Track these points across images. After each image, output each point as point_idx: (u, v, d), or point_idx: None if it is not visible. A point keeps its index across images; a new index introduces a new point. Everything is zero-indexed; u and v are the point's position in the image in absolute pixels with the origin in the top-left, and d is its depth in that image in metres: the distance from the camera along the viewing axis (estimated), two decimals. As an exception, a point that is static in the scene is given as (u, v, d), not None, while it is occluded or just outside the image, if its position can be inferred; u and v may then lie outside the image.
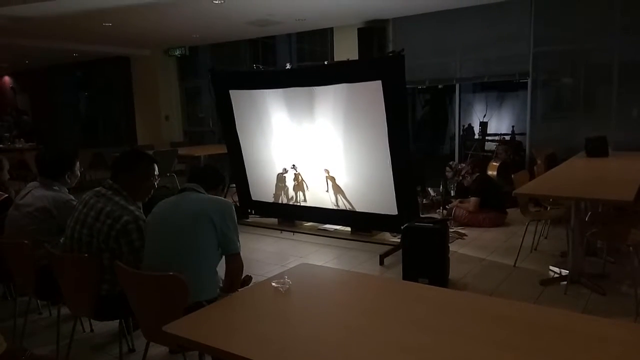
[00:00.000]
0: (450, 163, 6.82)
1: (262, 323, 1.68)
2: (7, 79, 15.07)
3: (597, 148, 5.44)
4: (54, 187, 2.93)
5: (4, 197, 3.50)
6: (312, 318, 1.70)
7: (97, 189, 2.59)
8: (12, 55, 10.87)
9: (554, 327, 1.54)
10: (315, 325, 1.63)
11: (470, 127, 9.01)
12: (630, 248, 3.47)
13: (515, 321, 1.60)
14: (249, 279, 2.56)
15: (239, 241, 2.29)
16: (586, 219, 4.00)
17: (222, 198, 2.41)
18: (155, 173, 2.68)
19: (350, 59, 6.06)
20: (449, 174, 6.62)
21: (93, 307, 2.42)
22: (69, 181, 3.05)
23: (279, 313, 1.76)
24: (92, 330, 3.26)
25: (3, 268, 2.93)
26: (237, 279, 2.30)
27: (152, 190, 2.69)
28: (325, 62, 6.63)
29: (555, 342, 1.45)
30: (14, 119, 13.85)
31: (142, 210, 2.56)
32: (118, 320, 2.59)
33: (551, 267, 4.20)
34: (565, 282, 3.76)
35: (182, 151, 8.38)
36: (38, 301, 3.47)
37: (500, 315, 1.65)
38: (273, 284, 1.93)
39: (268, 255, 4.91)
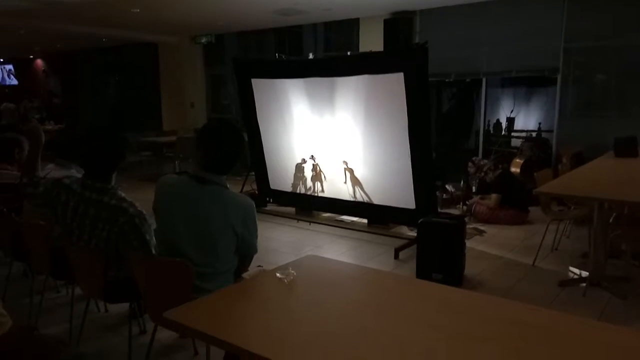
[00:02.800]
0: (474, 159, 6.69)
1: (262, 314, 1.67)
2: (39, 62, 15.45)
3: (625, 148, 5.24)
4: (71, 169, 2.98)
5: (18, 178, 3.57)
6: (313, 311, 1.69)
7: (77, 189, 2.48)
8: (45, 39, 11.13)
9: (568, 334, 1.49)
10: (316, 319, 1.62)
11: (497, 123, 8.82)
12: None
13: (529, 326, 1.54)
14: (258, 268, 2.57)
15: (257, 243, 2.22)
16: (610, 221, 3.88)
17: (244, 198, 2.20)
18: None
19: (372, 50, 5.97)
20: (472, 170, 6.50)
21: (103, 290, 2.46)
22: None
23: (280, 304, 1.75)
24: (107, 310, 3.33)
25: (23, 247, 3.01)
26: (245, 270, 2.31)
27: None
28: (348, 53, 6.55)
29: (570, 351, 1.39)
30: (45, 101, 14.21)
31: None
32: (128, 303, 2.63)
33: (571, 268, 4.09)
34: (584, 284, 3.66)
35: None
36: (56, 280, 3.56)
37: (512, 319, 1.59)
38: (277, 274, 1.92)
39: (283, 244, 4.93)
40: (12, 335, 1.73)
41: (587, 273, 3.77)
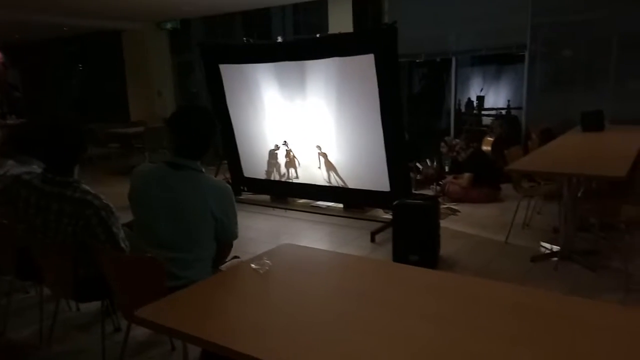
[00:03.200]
0: (446, 138, 6.74)
1: (238, 307, 1.64)
2: (-3, 53, 14.81)
3: (592, 122, 5.35)
4: (33, 166, 2.86)
5: None
6: (290, 302, 1.66)
7: (37, 184, 2.37)
8: (0, 29, 10.64)
9: (541, 310, 1.50)
10: (293, 310, 1.59)
11: (468, 102, 8.90)
12: (623, 225, 3.43)
13: (503, 305, 1.56)
14: (236, 258, 2.53)
15: (237, 229, 2.20)
16: (579, 195, 3.96)
17: (221, 182, 2.22)
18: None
19: (342, 32, 5.90)
20: (444, 150, 6.55)
21: (71, 289, 2.37)
22: None
23: (256, 297, 1.72)
24: (78, 309, 3.24)
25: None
26: (223, 260, 2.28)
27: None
28: (317, 35, 6.46)
29: (543, 326, 1.40)
30: (5, 95, 13.68)
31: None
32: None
33: (542, 243, 4.18)
34: (556, 259, 3.74)
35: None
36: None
37: (488, 298, 1.61)
38: (252, 265, 1.88)
39: (260, 233, 4.88)
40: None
41: (558, 248, 3.85)
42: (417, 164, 6.51)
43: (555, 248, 3.92)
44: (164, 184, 2.09)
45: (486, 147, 6.52)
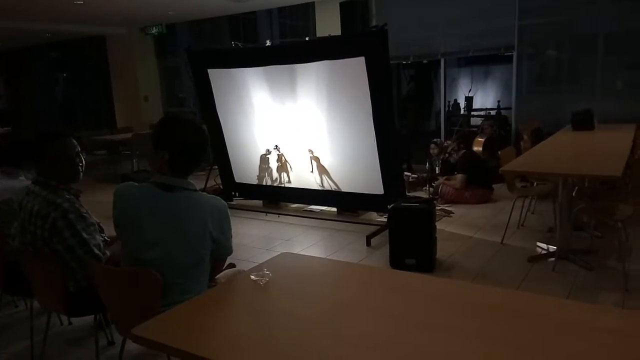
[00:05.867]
0: (435, 140, 6.74)
1: (239, 322, 1.58)
2: (-22, 61, 14.53)
3: (582, 121, 5.38)
4: (20, 177, 2.77)
5: None
6: (294, 315, 1.60)
7: (29, 185, 2.36)
8: (-18, 36, 10.45)
9: (541, 316, 1.47)
10: (297, 324, 1.53)
11: (456, 103, 8.92)
12: (619, 223, 3.42)
13: (509, 311, 1.52)
14: (232, 266, 2.47)
15: (232, 244, 2.08)
16: (573, 194, 3.96)
17: (216, 200, 1.99)
18: (75, 149, 2.39)
19: (332, 35, 5.87)
20: (434, 152, 6.54)
21: (62, 303, 2.29)
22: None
23: (257, 310, 1.65)
24: (70, 323, 3.15)
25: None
26: (218, 273, 2.20)
27: (80, 167, 2.40)
28: (307, 39, 6.42)
29: (545, 333, 1.37)
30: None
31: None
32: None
33: (538, 244, 4.17)
34: (553, 259, 3.73)
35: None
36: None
37: (493, 304, 1.57)
38: (252, 276, 1.82)
39: (253, 239, 4.81)
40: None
41: (555, 247, 3.84)
42: (406, 173, 6.46)
43: (552, 248, 3.91)
44: (156, 208, 1.90)
45: (477, 148, 6.52)
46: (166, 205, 1.91)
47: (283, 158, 5.47)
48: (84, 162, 2.43)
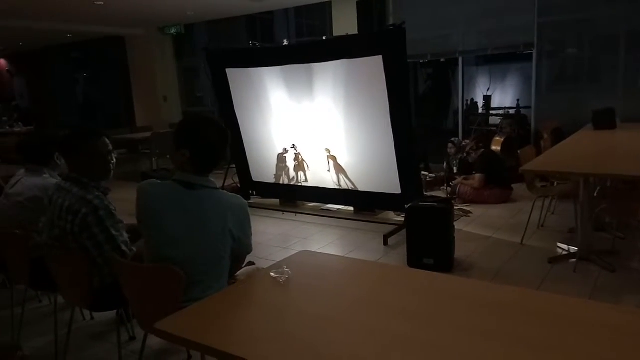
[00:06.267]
0: (453, 139, 6.69)
1: (258, 318, 1.59)
2: (2, 61, 14.86)
3: (604, 120, 5.29)
4: (44, 174, 2.83)
5: None
6: (311, 312, 1.61)
7: (59, 182, 2.42)
8: (4, 37, 10.67)
9: (562, 316, 1.45)
10: (317, 322, 1.54)
11: (474, 102, 8.84)
12: (641, 224, 3.37)
13: (522, 310, 1.51)
14: (251, 264, 2.49)
15: (251, 243, 2.11)
16: (595, 194, 3.90)
17: (237, 199, 2.03)
18: (108, 148, 2.46)
19: (349, 34, 5.87)
20: (452, 151, 6.50)
21: (87, 299, 2.34)
22: (59, 162, 2.90)
23: (276, 307, 1.67)
24: (92, 318, 3.21)
25: (-1, 257, 2.86)
26: (237, 270, 2.22)
27: (111, 165, 2.49)
28: (324, 38, 6.43)
29: (565, 333, 1.35)
30: (12, 103, 13.71)
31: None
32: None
33: (559, 244, 4.11)
34: (574, 260, 3.67)
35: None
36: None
37: (508, 303, 1.55)
38: (272, 274, 1.84)
39: (271, 237, 4.84)
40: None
41: (576, 248, 3.79)
42: (425, 173, 6.43)
43: (573, 249, 3.86)
44: (179, 206, 1.94)
45: (495, 147, 6.46)
46: (188, 202, 1.94)
47: (300, 157, 5.48)
48: (114, 161, 2.50)
